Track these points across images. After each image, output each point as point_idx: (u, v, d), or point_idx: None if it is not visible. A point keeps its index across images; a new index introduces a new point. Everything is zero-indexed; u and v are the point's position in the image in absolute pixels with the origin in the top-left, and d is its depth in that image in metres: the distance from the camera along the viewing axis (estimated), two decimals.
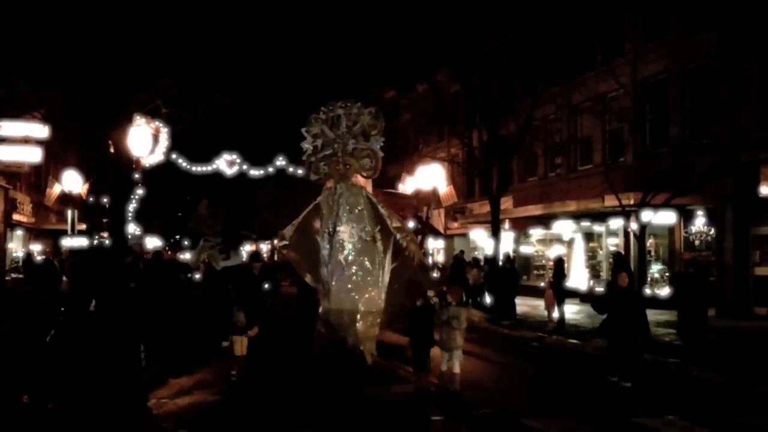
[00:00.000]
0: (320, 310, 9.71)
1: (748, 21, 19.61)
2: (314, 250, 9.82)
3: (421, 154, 38.90)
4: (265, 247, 67.71)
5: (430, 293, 10.99)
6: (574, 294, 23.51)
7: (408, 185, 30.89)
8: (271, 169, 25.09)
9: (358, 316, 9.36)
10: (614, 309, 11.93)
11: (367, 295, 9.44)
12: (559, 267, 19.41)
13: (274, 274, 16.91)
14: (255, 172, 25.12)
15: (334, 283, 9.49)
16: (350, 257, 9.53)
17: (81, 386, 9.16)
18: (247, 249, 21.29)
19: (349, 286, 9.46)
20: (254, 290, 13.98)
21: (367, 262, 9.56)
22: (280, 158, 24.82)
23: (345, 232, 9.56)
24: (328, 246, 9.66)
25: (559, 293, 18.70)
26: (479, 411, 9.80)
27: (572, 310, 21.27)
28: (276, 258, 14.59)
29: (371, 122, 9.90)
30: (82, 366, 9.29)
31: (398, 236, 9.60)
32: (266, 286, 15.10)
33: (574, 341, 16.27)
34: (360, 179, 9.97)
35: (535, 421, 9.12)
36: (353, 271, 9.51)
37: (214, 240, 18.25)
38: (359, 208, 9.67)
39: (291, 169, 24.81)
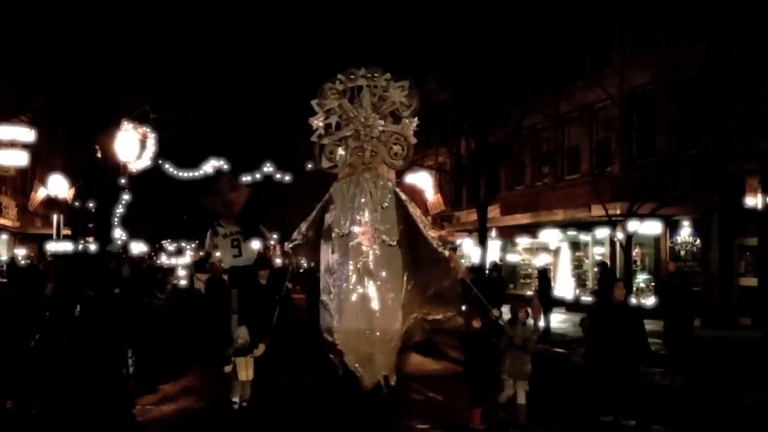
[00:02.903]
0: (323, 325, 8.35)
1: (735, 32, 19.75)
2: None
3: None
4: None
5: (494, 313, 9.10)
6: (560, 303, 23.56)
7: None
8: (258, 176, 25.02)
9: (374, 346, 7.92)
10: (609, 329, 9.43)
11: (386, 316, 8.02)
12: (545, 276, 19.44)
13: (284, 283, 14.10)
14: (242, 178, 25.02)
15: (344, 295, 8.03)
16: (370, 265, 8.01)
17: (66, 392, 9.09)
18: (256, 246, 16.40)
19: (368, 302, 8.00)
20: (261, 302, 11.27)
21: (384, 273, 8.07)
22: (268, 164, 24.77)
23: (365, 233, 8.00)
24: (338, 250, 8.17)
25: (546, 302, 18.73)
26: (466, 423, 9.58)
27: (558, 319, 21.30)
28: (287, 262, 12.11)
29: (403, 99, 8.32)
30: (66, 372, 9.22)
31: (437, 245, 8.25)
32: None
33: (560, 350, 16.29)
34: (383, 169, 8.39)
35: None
36: (372, 283, 8.02)
37: (228, 228, 15.15)
38: (385, 205, 8.11)
39: (278, 176, 24.75)
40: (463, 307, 9.20)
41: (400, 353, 8.45)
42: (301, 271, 13.18)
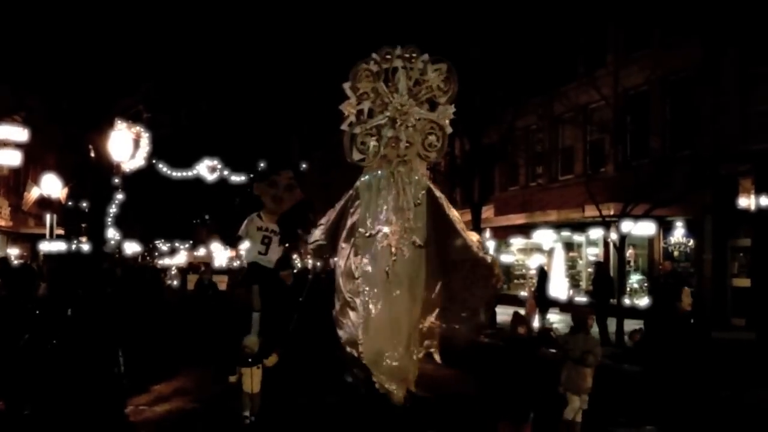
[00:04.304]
0: (345, 336, 7.51)
1: (729, 34, 19.80)
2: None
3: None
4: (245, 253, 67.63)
5: (546, 322, 8.47)
6: (554, 303, 23.59)
7: None
8: (252, 175, 25.01)
9: (401, 359, 7.17)
10: (674, 342, 8.50)
11: (413, 326, 7.34)
12: (543, 275, 19.43)
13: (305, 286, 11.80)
14: (236, 178, 25.02)
15: (372, 304, 7.24)
16: (399, 269, 7.22)
17: (58, 392, 9.05)
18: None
19: (397, 311, 7.23)
20: (280, 305, 10.26)
21: (413, 278, 7.32)
22: (262, 164, 24.75)
23: (395, 234, 7.20)
24: (363, 252, 7.36)
25: (542, 302, 18.74)
26: (461, 420, 9.56)
27: (552, 320, 21.29)
28: (312, 265, 10.41)
29: (441, 85, 7.52)
30: (59, 372, 9.17)
31: (477, 249, 7.54)
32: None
33: (554, 351, 16.27)
34: (417, 161, 7.53)
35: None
36: (401, 289, 7.24)
37: (266, 223, 14.02)
38: (418, 202, 7.32)
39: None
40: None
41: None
42: (323, 275, 12.49)
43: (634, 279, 23.93)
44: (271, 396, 9.10)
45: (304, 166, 17.52)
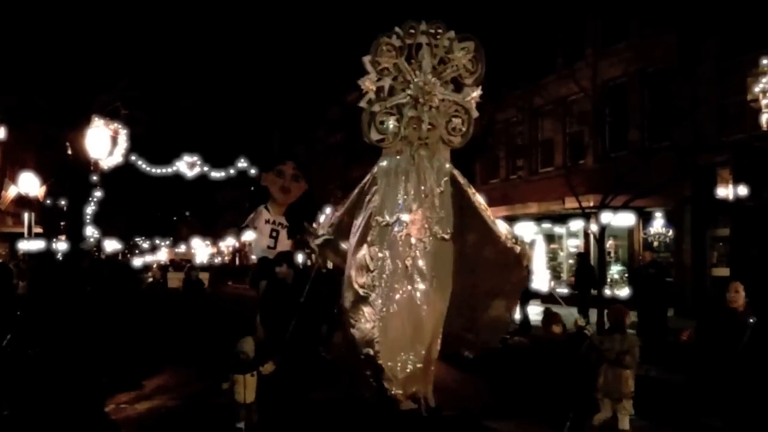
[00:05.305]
0: (358, 335, 6.79)
1: (706, 25, 19.93)
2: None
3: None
4: (226, 250, 67.37)
5: (579, 320, 7.76)
6: (535, 295, 23.65)
7: None
8: (232, 171, 24.89)
9: (418, 354, 6.58)
10: (731, 343, 7.22)
11: (433, 325, 6.75)
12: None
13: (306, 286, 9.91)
14: (216, 174, 24.88)
15: (389, 299, 6.58)
16: (419, 262, 6.64)
17: (38, 392, 8.98)
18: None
19: (416, 307, 6.60)
20: (280, 306, 9.24)
21: (434, 272, 6.69)
22: (242, 160, 24.62)
23: (415, 223, 6.63)
24: (379, 242, 6.71)
25: (524, 294, 18.75)
26: (444, 413, 9.52)
27: (535, 311, 21.34)
28: (314, 261, 9.85)
29: (468, 64, 7.06)
30: (39, 371, 9.10)
31: (506, 239, 6.92)
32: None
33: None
34: (440, 146, 7.07)
35: (498, 422, 9.07)
36: (421, 284, 6.63)
37: (274, 215, 13.77)
38: (440, 190, 6.81)
39: (253, 172, 24.62)
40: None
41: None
42: (324, 271, 11.71)
43: (615, 270, 24.04)
44: (267, 407, 8.21)
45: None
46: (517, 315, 18.65)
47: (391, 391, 6.60)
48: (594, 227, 20.10)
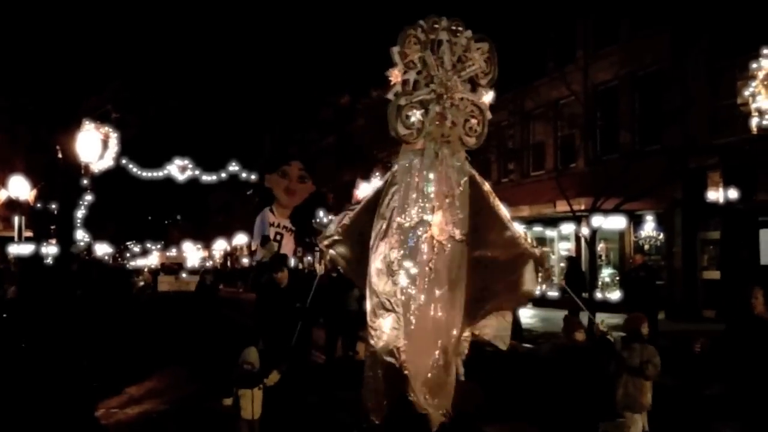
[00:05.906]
0: (381, 342, 6.34)
1: (696, 28, 20.01)
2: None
3: (376, 159, 38.85)
4: (217, 253, 67.25)
5: (600, 327, 7.21)
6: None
7: (362, 191, 30.83)
8: (223, 175, 24.84)
9: (439, 362, 6.32)
10: (750, 353, 6.83)
11: (454, 331, 6.57)
12: None
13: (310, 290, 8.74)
14: (207, 178, 24.82)
15: (414, 304, 6.23)
16: (439, 265, 6.36)
17: (27, 395, 8.93)
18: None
19: (439, 313, 6.38)
20: (280, 312, 8.81)
21: (453, 275, 6.43)
22: (233, 164, 24.58)
23: (438, 225, 6.32)
24: (400, 244, 6.36)
25: None
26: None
27: (526, 315, 21.38)
28: (322, 263, 8.98)
29: (483, 65, 6.99)
30: (28, 375, 9.06)
31: (522, 241, 6.69)
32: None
33: (528, 345, 16.37)
34: (458, 144, 6.75)
35: (492, 426, 9.06)
36: (444, 288, 6.38)
37: (278, 219, 13.15)
38: (459, 190, 6.50)
39: (244, 175, 24.57)
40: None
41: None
42: (334, 275, 11.30)
43: (606, 273, 24.09)
44: (271, 423, 7.48)
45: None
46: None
47: (418, 404, 6.28)
48: (585, 230, 20.12)
